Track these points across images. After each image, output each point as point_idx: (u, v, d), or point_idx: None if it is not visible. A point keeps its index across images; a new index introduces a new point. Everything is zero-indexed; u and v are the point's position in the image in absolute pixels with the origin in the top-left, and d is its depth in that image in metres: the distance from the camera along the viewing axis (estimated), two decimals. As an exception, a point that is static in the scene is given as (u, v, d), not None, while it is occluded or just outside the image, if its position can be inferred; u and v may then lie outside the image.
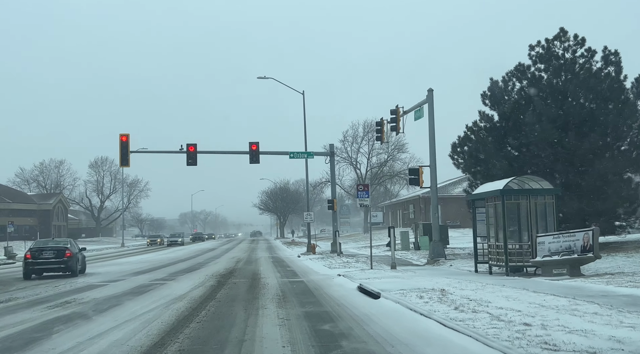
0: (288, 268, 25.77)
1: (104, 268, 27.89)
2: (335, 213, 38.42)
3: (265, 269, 25.38)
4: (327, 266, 24.90)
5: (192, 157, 37.01)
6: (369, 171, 60.42)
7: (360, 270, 20.78)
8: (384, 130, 29.99)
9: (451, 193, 59.72)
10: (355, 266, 23.76)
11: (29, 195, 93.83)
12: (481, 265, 18.63)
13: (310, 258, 32.21)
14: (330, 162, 38.71)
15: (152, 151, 39.50)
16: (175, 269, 26.47)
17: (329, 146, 38.24)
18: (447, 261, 22.90)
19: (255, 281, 19.05)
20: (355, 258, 28.77)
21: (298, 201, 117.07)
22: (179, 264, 30.84)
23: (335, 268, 23.36)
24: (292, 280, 19.21)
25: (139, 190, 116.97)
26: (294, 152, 38.04)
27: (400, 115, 27.15)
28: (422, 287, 13.81)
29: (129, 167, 36.34)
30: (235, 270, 24.69)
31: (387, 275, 18.56)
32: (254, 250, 51.54)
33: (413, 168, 23.53)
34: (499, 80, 24.37)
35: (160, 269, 26.59)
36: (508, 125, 23.05)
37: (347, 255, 33.64)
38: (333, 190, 38.44)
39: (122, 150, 36.22)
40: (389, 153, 59.55)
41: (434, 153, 23.81)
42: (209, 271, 24.06)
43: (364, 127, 59.34)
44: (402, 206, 68.82)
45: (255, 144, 37.28)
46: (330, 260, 29.14)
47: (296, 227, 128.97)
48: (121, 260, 37.66)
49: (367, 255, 35.15)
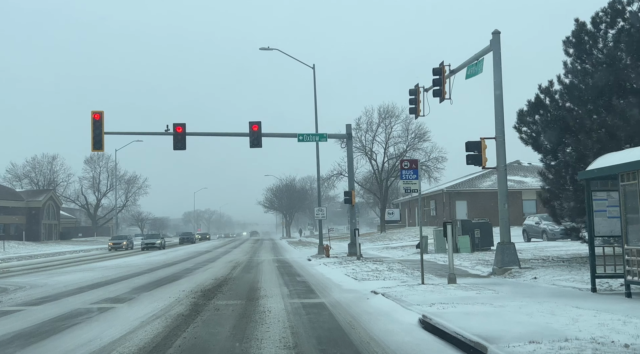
0: (298, 278, 19.24)
1: (55, 278, 21.40)
2: (352, 208, 31.85)
3: (267, 279, 18.85)
4: (351, 275, 18.34)
5: (180, 140, 30.48)
6: (386, 162, 53.74)
7: (406, 285, 14.18)
8: (419, 100, 23.37)
9: (479, 187, 53.04)
10: (392, 276, 17.18)
11: (18, 192, 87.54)
12: (599, 280, 12.07)
13: (325, 263, 25.65)
14: (346, 145, 32.13)
15: (132, 132, 33.02)
16: (148, 279, 19.97)
17: (345, 127, 31.73)
18: (524, 270, 16.27)
19: (250, 304, 12.51)
20: (386, 265, 22.15)
21: (305, 198, 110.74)
22: (159, 271, 24.32)
23: (364, 279, 16.80)
24: (307, 302, 12.69)
25: (137, 187, 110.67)
26: (303, 133, 31.49)
27: (446, 76, 20.54)
28: (563, 334, 7.24)
29: (103, 150, 29.93)
30: (228, 282, 18.16)
31: (453, 295, 11.99)
32: (256, 252, 45.01)
33: (473, 142, 16.87)
34: (586, 22, 17.71)
35: (129, 279, 20.09)
36: (607, 80, 16.37)
37: (370, 259, 27.06)
38: (350, 179, 31.82)
39: (94, 131, 29.74)
40: (408, 142, 52.87)
41: (501, 119, 17.10)
42: (191, 284, 17.55)
43: (379, 112, 52.77)
44: (422, 202, 62.10)
45: (257, 124, 30.74)
46: (351, 265, 22.59)
47: (303, 226, 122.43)
48: (95, 265, 31.20)
49: (393, 258, 28.64)
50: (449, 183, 56.65)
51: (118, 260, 35.43)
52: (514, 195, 52.28)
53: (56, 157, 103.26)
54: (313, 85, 35.91)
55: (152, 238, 55.85)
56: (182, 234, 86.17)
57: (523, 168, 57.71)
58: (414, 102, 23.61)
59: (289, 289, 15.68)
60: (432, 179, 52.12)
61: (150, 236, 58.08)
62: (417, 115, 23.56)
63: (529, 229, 35.58)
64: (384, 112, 52.20)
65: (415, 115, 23.69)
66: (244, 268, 25.28)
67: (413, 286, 14.03)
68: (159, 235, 60.48)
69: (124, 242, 55.13)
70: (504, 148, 17.05)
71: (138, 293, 15.19)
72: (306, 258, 32.51)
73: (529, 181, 53.92)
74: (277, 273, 22.05)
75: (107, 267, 28.66)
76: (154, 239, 54.95)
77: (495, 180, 55.96)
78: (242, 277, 20.10)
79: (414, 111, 23.66)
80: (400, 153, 53.22)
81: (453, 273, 14.74)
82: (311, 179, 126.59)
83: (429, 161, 51.94)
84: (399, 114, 52.12)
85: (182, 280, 19.47)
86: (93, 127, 29.73)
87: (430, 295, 12.09)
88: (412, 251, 31.90)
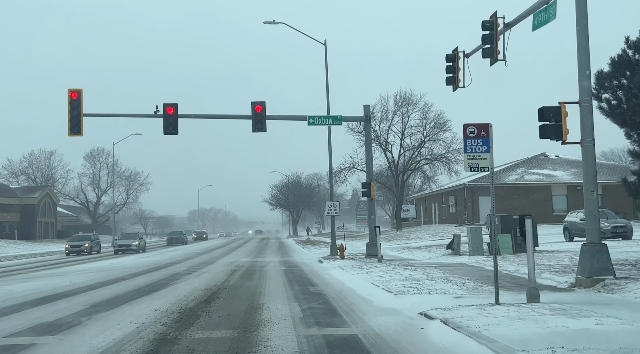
0: (312, 289, 14.92)
1: (7, 287, 17.11)
2: (372, 202, 27.48)
3: (272, 290, 14.55)
4: (380, 285, 13.99)
5: (172, 123, 26.19)
6: (402, 154, 49.30)
7: (473, 307, 9.78)
8: (458, 68, 18.98)
9: (504, 181, 48.52)
10: (438, 288, 12.82)
11: (12, 188, 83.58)
12: None
13: (341, 266, 21.32)
14: (365, 129, 27.71)
15: (117, 114, 28.71)
16: (121, 289, 15.68)
17: (363, 108, 27.32)
18: (622, 281, 11.85)
19: (245, 340, 8.17)
20: (421, 270, 17.72)
21: (312, 196, 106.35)
22: (140, 277, 20.07)
23: (402, 292, 12.43)
24: (331, 335, 8.34)
25: (138, 183, 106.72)
26: (315, 116, 27.14)
27: (499, 31, 16.12)
28: None
29: (82, 135, 25.61)
30: (220, 294, 13.87)
31: (559, 325, 7.65)
32: (261, 252, 40.74)
33: (549, 107, 12.40)
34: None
35: (96, 290, 15.81)
36: None
37: (394, 261, 22.71)
38: (369, 169, 27.38)
39: (71, 112, 25.51)
40: (426, 132, 48.36)
41: (586, 69, 12.58)
42: (170, 298, 13.26)
43: (395, 99, 48.22)
44: (439, 198, 57.66)
45: (260, 105, 26.42)
46: (375, 270, 18.25)
47: (310, 224, 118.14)
48: (74, 268, 27.04)
49: (421, 260, 24.32)
50: (470, 177, 52.15)
51: (104, 262, 31.23)
52: (543, 190, 47.80)
53: (54, 153, 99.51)
54: (325, 63, 31.58)
55: (128, 239, 43.57)
56: (171, 233, 72.04)
57: (551, 161, 53.18)
58: (452, 69, 19.22)
59: (301, 307, 11.36)
60: (453, 173, 47.61)
61: (127, 237, 45.83)
62: (456, 85, 19.16)
63: (572, 227, 31.06)
64: (400, 99, 47.76)
65: (454, 86, 19.29)
66: (244, 273, 20.98)
67: (484, 307, 9.64)
68: (137, 234, 48.46)
69: (86, 244, 42.20)
70: (592, 115, 12.57)
71: (91, 314, 10.90)
72: (317, 260, 28.29)
73: (558, 174, 49.41)
74: (284, 280, 17.75)
75: (87, 271, 24.46)
76: (130, 240, 43.10)
77: (521, 173, 51.48)
78: (241, 287, 15.79)
79: (452, 81, 19.26)
80: (418, 144, 48.75)
81: (535, 287, 10.36)
82: (318, 176, 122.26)
83: (449, 153, 47.47)
84: (417, 101, 47.67)
85: (163, 290, 15.18)
86: (70, 107, 25.51)
87: (522, 326, 7.75)
88: (441, 253, 27.50)
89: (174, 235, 69.84)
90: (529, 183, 47.98)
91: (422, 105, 47.83)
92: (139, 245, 42.23)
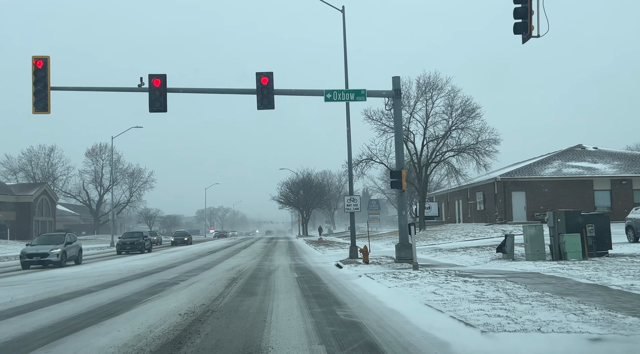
0: (341, 314, 10.16)
1: None
2: (402, 195, 22.60)
3: (282, 317, 9.79)
4: (446, 311, 9.20)
5: (159, 98, 21.50)
6: (425, 145, 44.35)
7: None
8: (531, 11, 14.16)
9: (540, 175, 43.49)
10: (544, 319, 8.01)
11: (8, 185, 79.37)
12: None
13: (369, 275, 16.52)
14: (394, 106, 22.79)
15: (94, 88, 23.90)
16: (65, 312, 10.97)
17: (391, 81, 22.48)
18: None
19: None
20: (490, 284, 12.78)
21: (323, 194, 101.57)
22: (109, 291, 15.36)
23: (490, 327, 7.61)
24: None
25: (142, 181, 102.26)
26: (332, 90, 22.35)
27: None
28: None
29: (49, 112, 20.99)
30: (203, 325, 9.13)
31: None
32: (269, 253, 36.01)
33: None
34: None
35: (29, 314, 11.12)
36: None
37: (435, 268, 17.84)
38: (399, 153, 22.44)
39: (36, 84, 20.92)
40: (452, 120, 43.35)
41: None
42: (126, 330, 8.53)
43: (418, 84, 43.26)
44: (464, 195, 52.65)
45: (267, 76, 21.70)
46: (419, 281, 13.42)
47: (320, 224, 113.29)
48: (33, 276, 22.46)
49: (466, 267, 19.27)
50: (502, 170, 47.12)
51: (121, 260, 26.60)
52: (583, 184, 42.69)
53: (54, 149, 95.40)
54: (343, 31, 26.84)
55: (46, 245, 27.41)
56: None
57: (589, 153, 48.06)
58: (522, 13, 14.37)
59: (332, 357, 6.58)
60: (481, 166, 42.60)
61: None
62: (528, 34, 14.32)
63: (637, 225, 26.07)
64: (424, 84, 42.77)
65: (525, 35, 14.45)
66: (247, 281, 16.21)
67: None
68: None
69: None
70: None
71: None
72: (334, 264, 23.65)
73: (600, 167, 44.29)
74: (298, 295, 13.00)
75: (48, 279, 19.80)
76: (51, 245, 27.36)
77: (558, 166, 46.23)
78: (238, 308, 11.04)
79: (522, 28, 14.42)
80: (443, 134, 43.75)
81: None
82: (328, 175, 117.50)
83: (478, 144, 42.45)
84: (443, 86, 42.67)
85: (122, 315, 10.43)
86: (34, 78, 20.91)
87: None
88: (486, 256, 22.64)
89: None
90: (569, 177, 42.91)
91: (449, 90, 42.89)
92: (60, 253, 26.79)
